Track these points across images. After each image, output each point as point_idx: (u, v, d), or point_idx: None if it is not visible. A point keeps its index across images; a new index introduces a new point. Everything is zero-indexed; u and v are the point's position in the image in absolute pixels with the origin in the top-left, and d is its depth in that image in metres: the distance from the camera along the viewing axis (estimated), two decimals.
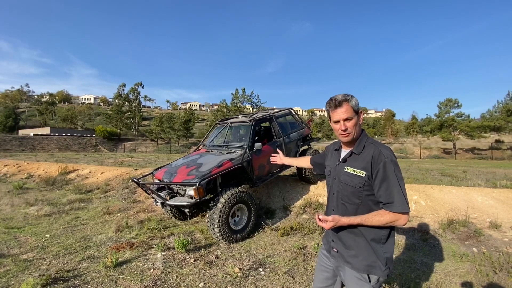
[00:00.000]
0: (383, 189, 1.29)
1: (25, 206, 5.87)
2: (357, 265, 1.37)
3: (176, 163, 4.57)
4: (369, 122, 71.46)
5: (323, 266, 1.57)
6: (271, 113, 5.50)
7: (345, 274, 1.43)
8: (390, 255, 1.37)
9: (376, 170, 1.30)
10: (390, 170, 1.28)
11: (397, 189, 1.27)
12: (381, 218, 1.29)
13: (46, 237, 4.01)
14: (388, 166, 1.28)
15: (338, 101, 1.36)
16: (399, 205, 1.26)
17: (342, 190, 1.43)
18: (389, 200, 1.28)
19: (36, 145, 39.84)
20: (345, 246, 1.42)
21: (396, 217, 1.27)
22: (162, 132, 47.47)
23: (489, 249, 3.37)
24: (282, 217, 4.93)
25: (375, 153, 1.33)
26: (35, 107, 68.44)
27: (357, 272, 1.36)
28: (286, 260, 3.21)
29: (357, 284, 1.37)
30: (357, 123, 1.38)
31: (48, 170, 10.58)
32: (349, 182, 1.39)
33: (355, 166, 1.38)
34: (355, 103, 1.36)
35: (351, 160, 1.42)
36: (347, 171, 1.40)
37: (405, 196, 1.28)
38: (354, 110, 1.36)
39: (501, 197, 4.33)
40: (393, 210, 1.27)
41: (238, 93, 40.79)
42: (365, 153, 1.37)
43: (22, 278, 2.79)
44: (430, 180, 6.24)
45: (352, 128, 1.37)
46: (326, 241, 1.57)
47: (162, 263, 3.13)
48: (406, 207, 1.26)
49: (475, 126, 26.42)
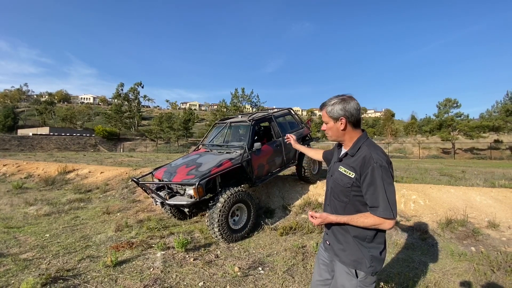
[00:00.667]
0: (370, 193, 1.33)
1: (24, 205, 5.87)
2: (344, 259, 1.44)
3: (176, 163, 4.58)
4: (369, 122, 71.45)
5: (322, 260, 1.63)
6: (271, 113, 5.51)
7: (336, 267, 1.50)
8: (377, 254, 1.40)
9: (364, 174, 1.34)
10: (377, 175, 1.30)
11: (382, 194, 1.29)
12: (366, 220, 1.33)
13: (46, 237, 4.01)
14: (377, 171, 1.30)
15: (321, 105, 1.52)
16: (382, 210, 1.29)
17: (334, 188, 1.51)
18: (374, 204, 1.32)
19: (35, 145, 39.76)
20: (336, 240, 1.50)
21: (380, 221, 1.31)
22: (161, 132, 47.40)
23: (487, 248, 3.39)
24: (281, 216, 4.94)
25: (366, 156, 1.35)
26: (34, 106, 68.23)
27: (345, 266, 1.43)
28: (285, 259, 3.22)
29: (346, 278, 1.42)
30: (333, 127, 1.47)
31: (47, 169, 10.57)
32: (339, 181, 1.46)
33: (347, 167, 1.43)
34: (330, 109, 1.44)
35: (345, 160, 1.48)
36: (340, 170, 1.47)
37: (390, 201, 1.30)
38: (329, 116, 1.46)
39: (500, 196, 4.35)
40: (377, 214, 1.30)
41: (237, 93, 40.81)
42: (358, 155, 1.40)
43: (22, 277, 2.79)
44: (429, 179, 6.26)
45: (328, 130, 1.50)
46: (324, 235, 1.65)
47: (162, 262, 3.14)
48: (389, 213, 1.28)
49: (474, 126, 26.48)
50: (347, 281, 1.41)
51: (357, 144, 1.44)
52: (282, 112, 5.86)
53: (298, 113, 8.71)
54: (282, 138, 5.19)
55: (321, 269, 1.62)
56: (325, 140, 45.33)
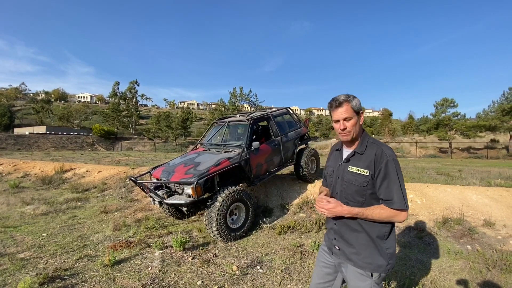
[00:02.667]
0: (384, 187, 1.34)
1: (21, 205, 5.83)
2: (359, 263, 1.40)
3: (174, 162, 4.57)
4: (367, 122, 71.62)
5: (323, 262, 1.60)
6: (269, 112, 5.51)
7: (347, 270, 1.46)
8: (393, 250, 1.41)
9: (379, 169, 1.35)
10: (391, 169, 1.34)
11: (396, 187, 1.32)
12: (382, 211, 1.33)
13: (43, 236, 3.99)
14: (390, 164, 1.34)
15: (339, 102, 1.41)
16: (397, 202, 1.31)
17: (346, 189, 1.46)
18: (389, 197, 1.33)
19: (32, 144, 39.46)
20: (347, 244, 1.46)
21: (394, 213, 1.32)
22: (159, 131, 47.20)
23: (483, 247, 3.43)
24: (279, 215, 4.95)
25: (377, 152, 1.38)
26: (30, 105, 67.58)
27: (361, 269, 1.40)
28: (284, 258, 3.24)
29: (359, 279, 1.41)
30: (357, 123, 1.42)
31: (44, 169, 10.50)
32: (353, 181, 1.42)
33: (358, 165, 1.42)
34: (355, 103, 1.41)
35: (355, 159, 1.46)
36: (351, 170, 1.44)
37: (404, 193, 1.33)
38: (354, 111, 1.40)
39: (495, 195, 4.40)
40: (392, 206, 1.32)
41: (236, 92, 40.71)
42: (368, 153, 1.41)
43: (19, 276, 2.78)
44: (426, 179, 6.30)
45: (351, 127, 1.41)
46: (328, 239, 1.60)
47: (160, 261, 3.13)
48: (403, 204, 1.31)
49: (471, 125, 26.62)
50: (361, 282, 1.40)
51: (363, 142, 1.45)
52: (281, 112, 5.86)
53: (296, 112, 8.70)
54: (280, 137, 5.20)
55: (322, 272, 1.59)
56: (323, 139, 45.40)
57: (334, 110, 1.44)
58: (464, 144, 28.94)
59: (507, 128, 26.41)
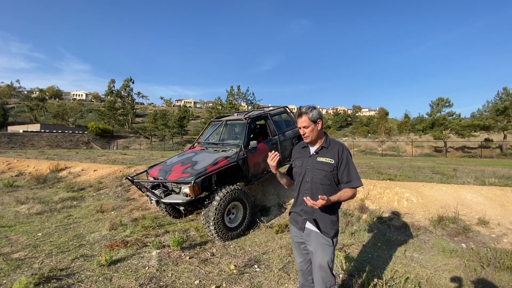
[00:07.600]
0: (346, 171, 1.83)
1: (15, 204, 5.76)
2: (327, 231, 1.83)
3: (171, 161, 4.54)
4: (363, 121, 72.04)
5: (298, 241, 1.96)
6: (267, 111, 5.51)
7: (312, 242, 1.86)
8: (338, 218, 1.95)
9: (341, 159, 1.84)
10: (349, 159, 1.86)
11: (353, 171, 1.84)
12: (348, 194, 1.79)
13: (38, 236, 3.95)
14: (348, 156, 1.86)
15: (300, 113, 1.87)
16: (356, 181, 1.82)
17: (317, 175, 1.86)
18: (349, 179, 1.83)
19: (26, 142, 38.97)
20: (322, 217, 1.86)
21: (355, 191, 1.82)
22: (156, 129, 46.92)
23: (477, 245, 3.48)
24: (277, 214, 4.96)
25: (339, 147, 1.88)
26: (24, 103, 66.62)
27: (325, 237, 1.82)
28: (281, 257, 3.25)
29: (323, 247, 1.83)
30: (313, 130, 1.87)
31: (38, 167, 10.38)
32: (322, 168, 1.85)
33: (326, 156, 1.87)
34: (312, 115, 1.84)
35: (322, 152, 1.90)
36: (320, 160, 1.87)
37: (358, 174, 1.85)
38: (311, 121, 1.85)
39: (490, 194, 4.46)
40: (353, 186, 1.81)
41: (233, 90, 40.60)
42: (332, 147, 1.89)
43: (14, 277, 2.75)
44: (422, 177, 6.37)
45: (310, 133, 1.87)
46: (295, 222, 1.97)
47: (157, 261, 3.12)
48: (360, 182, 1.83)
49: (466, 125, 26.95)
50: (327, 246, 1.81)
51: (327, 140, 1.93)
52: (278, 111, 5.86)
53: (294, 111, 8.68)
54: (278, 136, 5.20)
55: (301, 249, 1.97)
56: None
57: (297, 119, 1.90)
58: (458, 143, 29.29)
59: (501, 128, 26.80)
